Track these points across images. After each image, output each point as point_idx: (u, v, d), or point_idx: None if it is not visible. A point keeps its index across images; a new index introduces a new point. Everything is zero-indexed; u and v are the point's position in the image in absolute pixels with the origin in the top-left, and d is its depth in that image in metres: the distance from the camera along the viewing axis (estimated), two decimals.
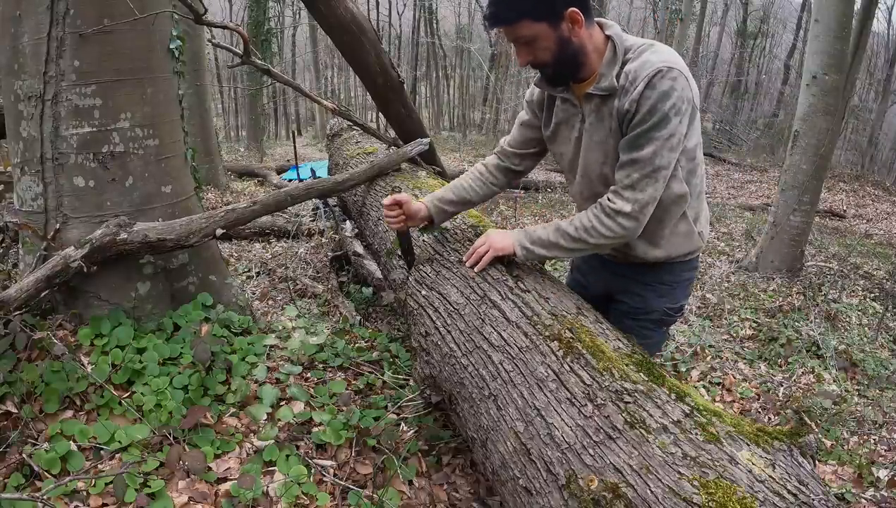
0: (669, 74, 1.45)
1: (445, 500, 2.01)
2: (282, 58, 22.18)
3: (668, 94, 1.45)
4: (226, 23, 2.96)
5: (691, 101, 1.51)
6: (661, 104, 1.45)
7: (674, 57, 1.49)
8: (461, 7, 26.96)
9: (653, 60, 1.47)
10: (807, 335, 4.16)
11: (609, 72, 1.54)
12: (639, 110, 1.48)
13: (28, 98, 2.15)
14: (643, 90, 1.46)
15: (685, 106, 1.49)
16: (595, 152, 1.66)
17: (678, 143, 1.52)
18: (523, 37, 1.51)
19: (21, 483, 1.73)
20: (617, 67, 1.53)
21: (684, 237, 1.74)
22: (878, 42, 21.31)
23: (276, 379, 2.40)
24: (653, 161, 1.51)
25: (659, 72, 1.45)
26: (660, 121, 1.47)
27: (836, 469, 2.63)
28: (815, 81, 5.35)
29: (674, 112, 1.47)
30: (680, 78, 1.46)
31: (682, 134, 1.51)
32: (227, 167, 8.96)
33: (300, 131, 22.88)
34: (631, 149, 1.53)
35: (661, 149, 1.50)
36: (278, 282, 3.87)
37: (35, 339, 2.05)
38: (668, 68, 1.45)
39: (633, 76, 1.49)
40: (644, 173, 1.52)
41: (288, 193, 2.64)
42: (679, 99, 1.46)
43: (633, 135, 1.51)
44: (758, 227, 7.70)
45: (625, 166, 1.55)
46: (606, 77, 1.54)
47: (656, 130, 1.48)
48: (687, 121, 1.52)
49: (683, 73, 1.47)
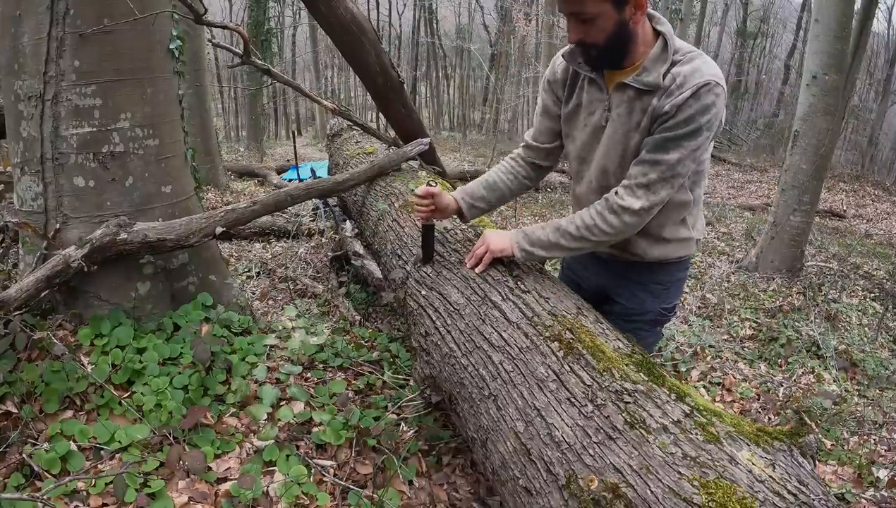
0: (715, 90, 1.45)
1: (445, 500, 2.01)
2: (282, 58, 22.18)
3: (709, 108, 1.46)
4: (226, 23, 2.96)
5: (721, 120, 1.52)
6: (701, 116, 1.46)
7: (720, 72, 1.50)
8: (461, 7, 26.96)
9: (704, 71, 1.46)
10: (807, 335, 4.17)
11: (655, 68, 1.50)
12: (677, 115, 1.47)
13: (28, 98, 2.15)
14: (689, 97, 1.45)
15: (717, 123, 1.51)
16: (617, 144, 1.62)
17: (699, 156, 1.54)
18: (586, 13, 1.45)
19: (21, 483, 1.72)
20: (665, 66, 1.50)
21: (683, 241, 1.76)
22: (878, 42, 21.33)
23: (276, 379, 2.40)
24: (675, 167, 1.51)
25: (707, 84, 1.45)
26: (693, 132, 1.48)
27: (836, 469, 2.63)
28: (815, 81, 5.35)
29: (707, 126, 1.48)
30: (722, 96, 1.47)
31: (705, 148, 1.54)
32: (227, 167, 8.95)
33: (300, 131, 22.88)
34: (656, 149, 1.52)
35: (686, 158, 1.51)
36: (278, 282, 3.87)
37: (35, 339, 2.05)
38: (716, 83, 1.46)
39: (681, 80, 1.47)
40: (663, 176, 1.52)
41: (288, 193, 2.64)
42: (714, 116, 1.48)
43: (663, 137, 1.50)
44: (758, 227, 7.70)
45: (644, 164, 1.54)
46: (651, 72, 1.51)
47: (687, 139, 1.49)
48: (712, 138, 1.54)
49: (724, 91, 1.48)
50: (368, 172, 2.87)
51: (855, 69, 6.89)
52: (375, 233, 2.66)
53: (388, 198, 2.65)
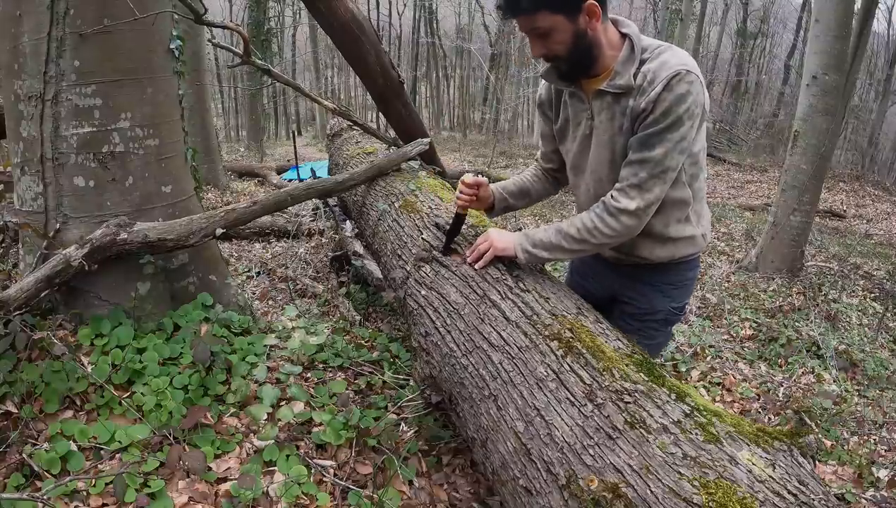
0: (687, 78, 1.45)
1: (445, 500, 2.01)
2: (282, 58, 22.17)
3: (685, 98, 1.46)
4: (226, 23, 2.96)
5: (703, 106, 1.51)
6: (677, 106, 1.46)
7: (691, 60, 1.50)
8: (461, 7, 26.96)
9: (672, 62, 1.47)
10: (807, 335, 4.17)
11: (625, 70, 1.53)
12: (654, 111, 1.48)
13: (28, 98, 2.15)
14: (661, 91, 1.46)
15: (698, 110, 1.50)
16: (604, 150, 1.65)
17: (687, 147, 1.53)
18: (539, 28, 1.49)
19: (21, 483, 1.72)
20: (634, 66, 1.52)
21: (688, 238, 1.75)
22: (878, 42, 21.32)
23: (277, 379, 2.40)
24: (662, 162, 1.51)
25: (677, 74, 1.45)
26: (673, 123, 1.48)
27: (836, 469, 2.63)
28: (815, 81, 5.35)
29: (687, 115, 1.48)
30: (696, 82, 1.46)
31: (691, 138, 1.52)
32: (227, 167, 8.95)
33: (300, 131, 22.87)
34: (642, 148, 1.53)
35: (672, 151, 1.50)
36: (278, 282, 3.87)
37: (35, 339, 2.05)
38: (687, 71, 1.45)
39: (651, 76, 1.48)
40: (652, 173, 1.52)
41: (288, 193, 2.64)
42: (694, 103, 1.47)
43: (646, 134, 1.51)
44: (758, 227, 7.70)
45: (633, 164, 1.55)
46: (622, 75, 1.53)
47: (669, 132, 1.49)
48: (697, 126, 1.52)
49: (699, 77, 1.48)
50: (368, 172, 2.87)
51: (855, 69, 6.89)
52: (375, 233, 2.66)
53: (388, 198, 2.64)
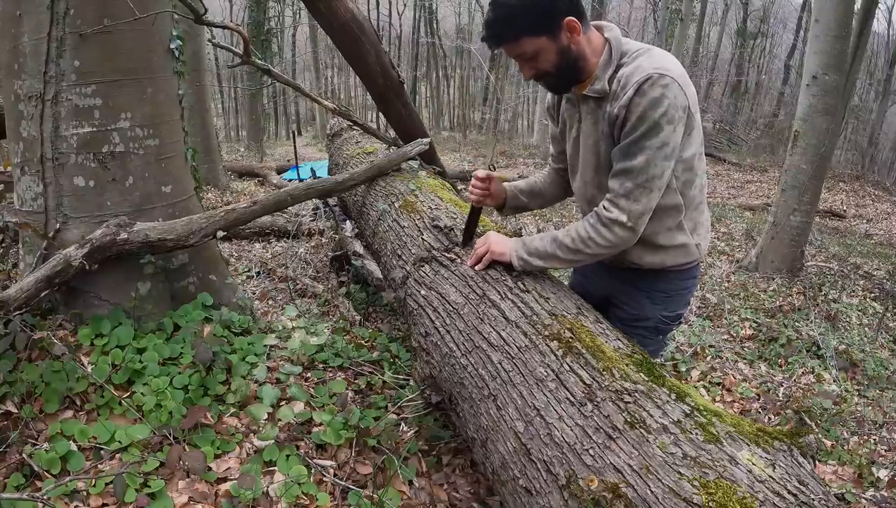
0: (661, 81, 1.42)
1: (445, 500, 2.01)
2: (282, 58, 22.17)
3: (659, 102, 1.42)
4: (226, 23, 2.95)
5: (686, 109, 1.47)
6: (652, 112, 1.43)
7: (668, 63, 1.46)
8: (461, 7, 26.96)
9: (645, 66, 1.45)
10: (807, 335, 4.17)
11: (603, 75, 1.53)
12: (629, 117, 1.46)
13: (28, 98, 2.15)
14: (632, 96, 1.44)
15: (678, 113, 1.45)
16: (589, 154, 1.66)
17: (672, 152, 1.49)
18: (526, 53, 1.52)
19: (21, 483, 1.72)
20: (611, 71, 1.52)
21: (680, 247, 1.71)
22: (878, 42, 21.31)
23: (277, 379, 2.40)
24: (646, 170, 1.48)
25: (649, 78, 1.42)
26: (650, 130, 1.45)
27: (836, 469, 2.63)
28: (815, 81, 5.35)
29: (665, 120, 1.44)
30: (672, 85, 1.42)
31: (676, 142, 1.48)
32: (227, 167, 8.95)
33: (300, 131, 22.87)
34: (624, 157, 1.51)
35: (654, 158, 1.47)
36: (278, 282, 3.87)
37: (35, 339, 2.05)
38: (660, 75, 1.42)
39: (623, 81, 1.47)
40: (637, 183, 1.50)
41: (288, 193, 2.64)
42: (671, 106, 1.43)
43: (626, 143, 1.49)
44: (758, 227, 7.70)
45: (618, 175, 1.53)
46: (600, 80, 1.54)
47: (647, 139, 1.46)
48: (682, 130, 1.48)
49: (677, 79, 1.44)
50: (368, 172, 2.87)
51: (855, 69, 6.88)
52: (375, 233, 2.66)
53: (388, 198, 2.65)
